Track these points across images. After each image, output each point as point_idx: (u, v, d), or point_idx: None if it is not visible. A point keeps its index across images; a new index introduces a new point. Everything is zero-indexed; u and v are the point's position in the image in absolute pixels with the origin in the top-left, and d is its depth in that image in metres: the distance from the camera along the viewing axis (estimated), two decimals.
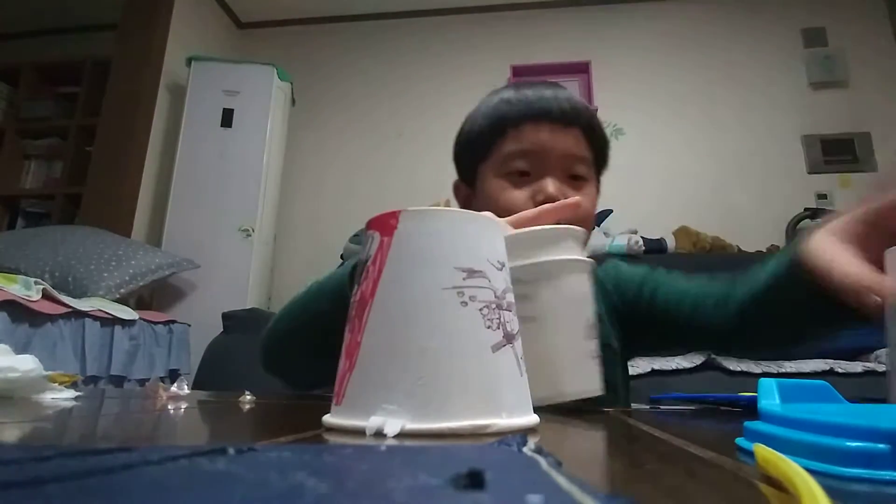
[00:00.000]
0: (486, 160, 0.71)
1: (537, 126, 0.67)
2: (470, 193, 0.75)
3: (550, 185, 0.65)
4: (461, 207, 0.76)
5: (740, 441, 0.23)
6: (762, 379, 0.24)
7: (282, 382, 0.68)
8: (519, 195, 0.67)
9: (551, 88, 0.70)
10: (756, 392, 0.45)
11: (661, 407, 0.53)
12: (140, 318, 1.94)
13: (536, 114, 0.68)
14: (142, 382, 1.87)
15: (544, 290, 0.42)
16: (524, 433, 0.27)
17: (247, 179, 2.61)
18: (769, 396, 0.23)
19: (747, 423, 0.22)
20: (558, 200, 0.63)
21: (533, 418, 0.30)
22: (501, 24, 3.09)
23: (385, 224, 0.29)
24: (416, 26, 3.19)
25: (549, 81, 0.72)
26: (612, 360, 0.70)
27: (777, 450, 0.16)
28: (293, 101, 2.98)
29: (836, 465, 0.16)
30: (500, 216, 0.67)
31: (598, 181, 0.73)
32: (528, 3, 3.08)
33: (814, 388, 0.25)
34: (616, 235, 2.42)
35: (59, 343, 1.58)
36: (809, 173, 2.66)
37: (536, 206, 0.64)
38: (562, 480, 0.12)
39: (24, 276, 1.64)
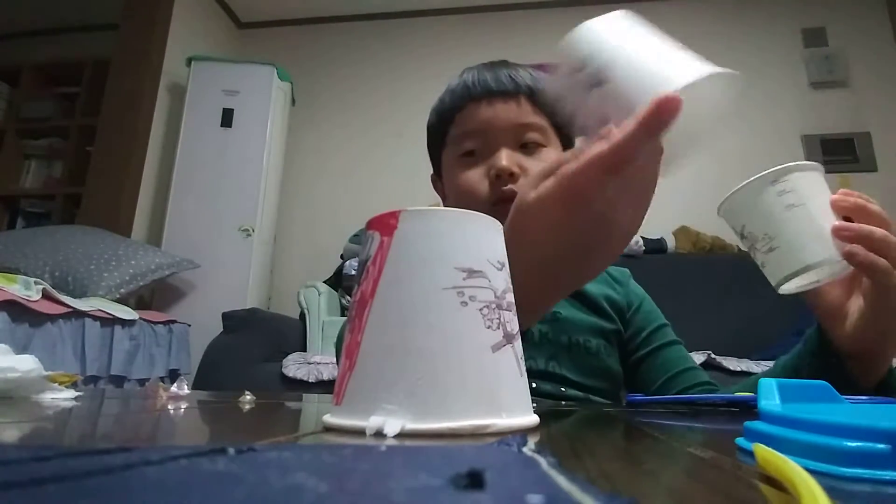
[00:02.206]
0: (444, 149, 0.73)
1: (478, 104, 0.68)
2: (443, 185, 0.77)
3: (502, 157, 0.65)
4: (442, 201, 0.77)
5: (740, 441, 0.23)
6: (762, 379, 0.24)
7: None
8: (473, 174, 0.68)
9: (494, 67, 0.70)
10: (741, 392, 0.45)
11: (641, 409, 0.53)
12: (140, 318, 1.94)
13: (475, 93, 0.69)
14: (142, 382, 1.88)
15: (800, 180, 0.53)
16: (524, 433, 0.27)
17: (247, 179, 2.61)
18: (769, 396, 0.23)
19: (747, 423, 0.22)
20: (511, 171, 0.64)
21: (533, 418, 0.30)
22: (501, 24, 3.09)
23: (385, 224, 0.29)
24: (416, 26, 3.19)
25: (500, 61, 0.72)
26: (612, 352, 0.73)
27: (777, 450, 0.16)
28: (293, 101, 2.98)
29: (836, 465, 0.16)
30: (460, 198, 0.69)
31: (565, 144, 0.71)
32: (528, 4, 3.08)
33: (814, 388, 0.25)
34: None
35: (59, 343, 1.58)
36: None
37: (491, 182, 0.66)
38: (562, 480, 0.12)
39: (24, 276, 1.64)
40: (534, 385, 0.65)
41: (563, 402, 0.68)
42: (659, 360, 0.73)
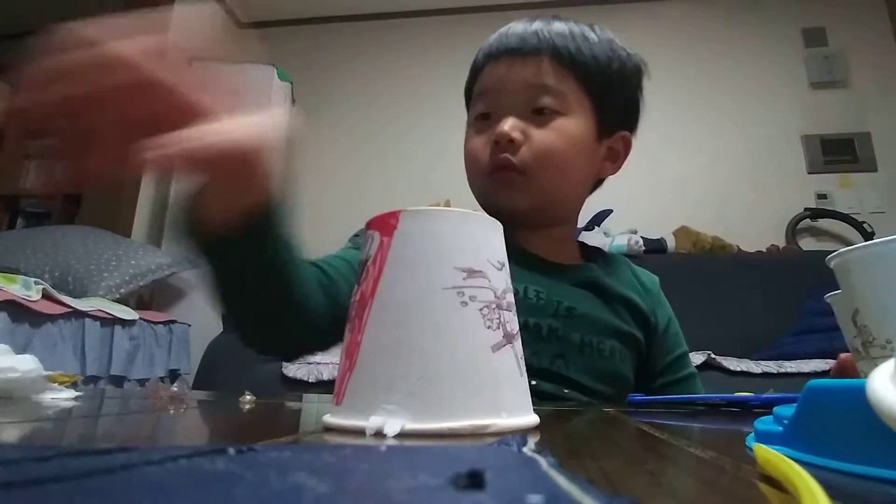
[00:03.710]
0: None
1: (496, 63, 0.63)
2: None
3: (505, 122, 0.60)
4: None
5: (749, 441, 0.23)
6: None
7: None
8: (479, 140, 0.64)
9: (531, 22, 0.64)
10: (749, 392, 0.45)
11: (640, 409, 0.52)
12: (140, 318, 1.94)
13: (496, 51, 0.63)
14: (142, 382, 1.87)
15: None
16: (524, 433, 0.27)
17: None
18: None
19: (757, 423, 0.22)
20: (511, 137, 0.59)
21: (533, 418, 0.30)
22: (502, 24, 3.09)
23: (385, 224, 0.29)
24: (417, 26, 3.19)
25: (549, 17, 0.65)
26: (628, 357, 0.66)
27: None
28: (293, 101, 2.98)
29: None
30: (468, 165, 0.66)
31: (600, 113, 0.64)
32: (529, 4, 3.08)
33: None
34: (616, 235, 2.42)
35: (59, 343, 1.58)
36: (809, 173, 2.66)
37: (492, 149, 0.61)
38: (562, 480, 0.12)
39: (24, 276, 1.64)
40: (533, 383, 0.60)
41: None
42: (677, 393, 0.68)
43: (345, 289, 0.54)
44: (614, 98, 0.65)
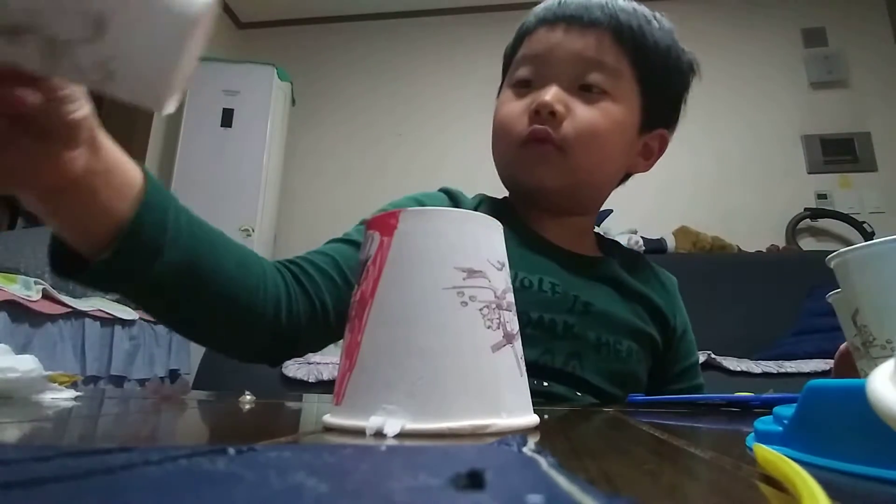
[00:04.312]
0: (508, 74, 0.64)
1: (551, 28, 0.59)
2: None
3: (549, 92, 0.56)
4: None
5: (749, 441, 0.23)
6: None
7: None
8: (516, 106, 0.59)
9: None
10: (749, 392, 0.45)
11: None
12: (140, 318, 1.94)
13: (553, 15, 0.59)
14: (142, 382, 1.87)
15: None
16: (524, 433, 0.27)
17: (247, 179, 2.61)
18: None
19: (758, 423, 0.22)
20: (553, 108, 0.55)
21: (533, 418, 0.30)
22: (501, 23, 3.08)
23: (385, 224, 0.29)
24: (416, 26, 3.19)
25: None
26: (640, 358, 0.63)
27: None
28: (293, 101, 2.98)
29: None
30: (497, 131, 0.61)
31: (648, 104, 0.61)
32: (529, 3, 3.08)
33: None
34: (616, 235, 2.42)
35: (59, 343, 1.58)
36: (809, 173, 2.66)
37: (530, 118, 0.57)
38: (562, 480, 0.12)
39: (24, 276, 1.64)
40: (546, 384, 0.55)
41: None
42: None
43: (328, 286, 0.51)
44: (664, 91, 0.62)
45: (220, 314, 0.44)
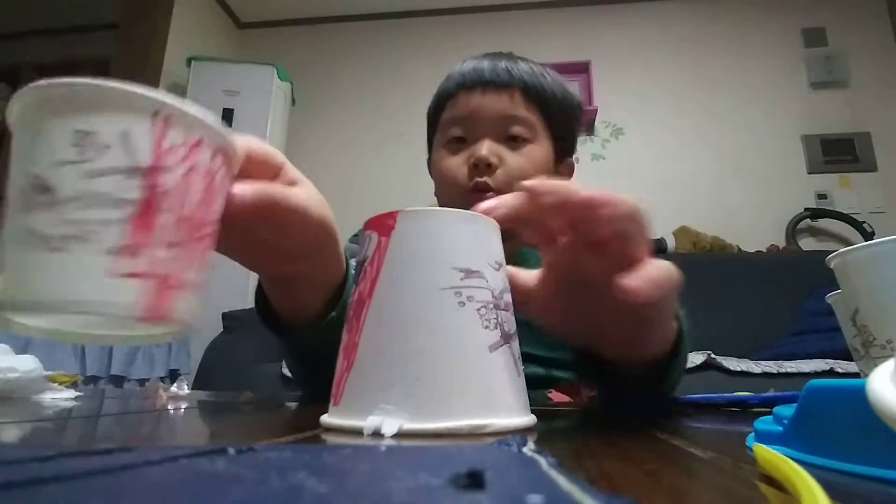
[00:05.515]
0: (436, 134, 0.75)
1: (470, 93, 0.69)
2: None
3: (483, 146, 0.66)
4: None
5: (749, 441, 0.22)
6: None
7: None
8: (455, 161, 0.69)
9: (495, 58, 0.71)
10: (749, 392, 0.45)
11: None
12: None
13: (469, 81, 0.69)
14: (142, 382, 1.87)
15: None
16: (523, 433, 0.27)
17: None
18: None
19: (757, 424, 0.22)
20: (489, 161, 0.65)
21: (531, 418, 0.30)
22: (501, 23, 3.09)
23: (383, 224, 0.29)
24: (416, 26, 3.19)
25: (505, 53, 0.73)
26: None
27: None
28: (293, 101, 2.98)
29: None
30: (441, 183, 0.71)
31: (557, 142, 0.72)
32: (528, 3, 3.08)
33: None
34: None
35: (59, 343, 1.58)
36: (809, 173, 2.66)
37: (469, 170, 0.66)
38: (562, 480, 0.12)
39: None
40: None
41: (553, 391, 0.67)
42: None
43: None
44: (566, 128, 0.74)
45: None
